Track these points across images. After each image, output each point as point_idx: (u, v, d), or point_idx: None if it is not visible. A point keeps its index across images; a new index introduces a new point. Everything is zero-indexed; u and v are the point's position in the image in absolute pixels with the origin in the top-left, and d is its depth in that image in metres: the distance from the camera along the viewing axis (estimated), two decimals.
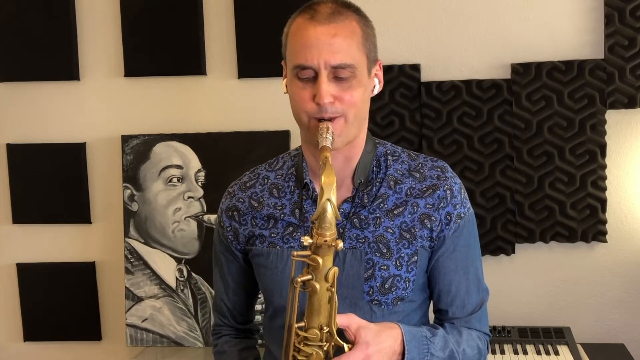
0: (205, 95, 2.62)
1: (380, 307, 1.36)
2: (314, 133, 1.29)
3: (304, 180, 1.40)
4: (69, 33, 2.62)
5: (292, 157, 1.49)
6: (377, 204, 1.38)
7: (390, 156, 1.43)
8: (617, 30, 2.41)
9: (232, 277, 1.54)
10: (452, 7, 2.50)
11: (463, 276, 1.43)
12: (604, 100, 2.44)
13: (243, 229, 1.45)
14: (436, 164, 1.44)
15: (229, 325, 1.60)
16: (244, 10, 2.54)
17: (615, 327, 2.53)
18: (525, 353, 2.26)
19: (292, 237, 1.40)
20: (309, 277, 1.22)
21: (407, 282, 1.37)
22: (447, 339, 1.37)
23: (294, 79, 1.32)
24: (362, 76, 1.32)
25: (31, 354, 2.78)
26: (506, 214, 2.50)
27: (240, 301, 1.57)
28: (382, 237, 1.37)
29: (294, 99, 1.33)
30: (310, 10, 1.31)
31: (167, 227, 2.58)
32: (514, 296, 2.54)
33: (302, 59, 1.28)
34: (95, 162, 2.68)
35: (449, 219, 1.39)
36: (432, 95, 2.50)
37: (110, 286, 2.71)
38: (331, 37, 1.28)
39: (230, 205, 1.48)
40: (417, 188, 1.39)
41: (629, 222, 2.50)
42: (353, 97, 1.30)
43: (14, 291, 2.75)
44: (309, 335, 1.25)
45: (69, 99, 2.68)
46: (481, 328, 1.46)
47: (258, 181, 1.48)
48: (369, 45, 1.34)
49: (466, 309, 1.43)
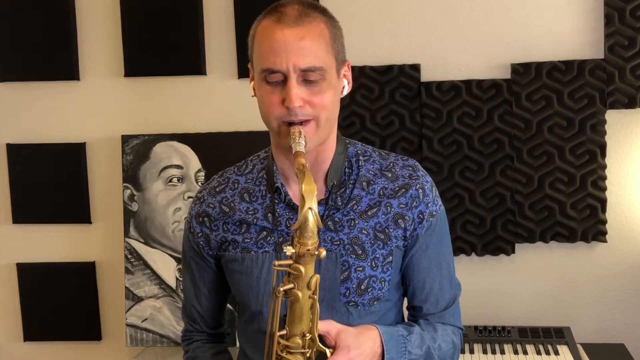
0: (205, 95, 2.62)
1: (357, 308, 1.37)
2: (285, 137, 1.28)
3: (275, 184, 1.39)
4: (69, 33, 2.62)
5: (261, 160, 1.47)
6: (350, 206, 1.38)
7: (361, 156, 1.42)
8: (617, 30, 2.41)
9: (203, 283, 1.52)
10: (452, 7, 2.50)
11: (436, 273, 1.43)
12: (604, 100, 2.44)
13: (215, 234, 1.44)
14: (407, 162, 1.44)
15: (200, 331, 1.58)
16: (244, 10, 2.54)
17: (615, 327, 2.53)
18: (525, 353, 2.26)
19: (266, 242, 1.39)
20: (290, 285, 1.21)
21: (382, 282, 1.38)
22: (423, 336, 1.38)
23: (262, 82, 1.29)
24: (331, 78, 1.30)
25: (31, 354, 2.78)
26: (506, 214, 2.50)
27: (212, 306, 1.55)
28: (357, 239, 1.37)
29: (262, 103, 1.31)
30: (277, 12, 1.29)
31: (167, 227, 2.58)
32: (514, 296, 2.54)
33: (271, 62, 1.26)
34: (95, 162, 2.68)
35: (422, 218, 1.40)
36: (432, 95, 2.50)
37: (110, 286, 2.71)
38: (299, 39, 1.25)
39: (200, 211, 1.46)
40: (390, 188, 1.40)
41: (629, 222, 2.50)
42: (323, 100, 1.28)
43: (14, 291, 2.75)
44: (291, 343, 1.25)
45: (69, 99, 2.68)
46: (455, 322, 1.47)
47: (228, 185, 1.46)
48: (337, 47, 1.32)
49: (440, 305, 1.44)
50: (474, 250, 2.52)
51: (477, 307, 2.51)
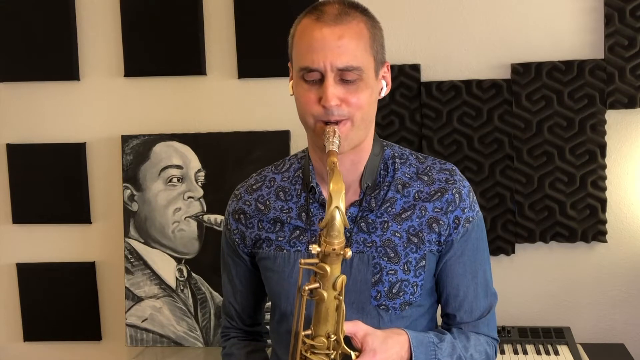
0: (205, 95, 2.62)
1: (388, 312, 1.35)
2: (320, 136, 1.27)
3: (311, 183, 1.39)
4: (69, 33, 2.62)
5: (298, 159, 1.47)
6: (384, 208, 1.37)
7: (398, 159, 1.41)
8: (617, 30, 2.41)
9: (239, 280, 1.53)
10: (452, 7, 2.50)
11: (471, 280, 1.41)
12: (604, 100, 2.44)
13: (250, 232, 1.44)
14: (444, 166, 1.42)
15: (237, 328, 1.59)
16: (244, 10, 2.54)
17: (615, 327, 2.53)
18: (525, 353, 2.26)
19: (298, 241, 1.39)
20: (316, 285, 1.21)
21: (415, 287, 1.36)
22: (454, 345, 1.36)
23: (300, 80, 1.30)
24: (369, 78, 1.29)
25: (31, 354, 2.78)
26: (506, 214, 2.50)
27: (248, 304, 1.56)
28: (390, 242, 1.35)
29: (300, 101, 1.31)
30: (317, 11, 1.29)
31: (167, 227, 2.58)
32: (514, 296, 2.54)
33: (309, 61, 1.26)
34: (95, 162, 2.68)
35: (457, 223, 1.38)
36: (432, 95, 2.50)
37: (110, 286, 2.71)
38: (338, 38, 1.26)
39: (237, 208, 1.47)
40: (425, 191, 1.38)
41: (629, 222, 2.50)
42: (360, 100, 1.27)
43: (14, 291, 2.75)
44: (316, 343, 1.24)
45: (69, 99, 2.68)
46: (489, 333, 1.44)
47: (264, 183, 1.46)
48: (376, 47, 1.32)
49: (474, 314, 1.42)
50: None
51: None
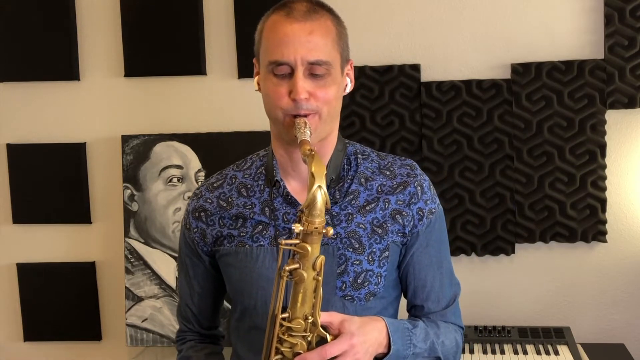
0: (205, 95, 2.62)
1: (353, 303, 1.37)
2: (289, 129, 1.30)
3: (275, 177, 1.40)
4: (69, 33, 2.62)
5: (260, 157, 1.49)
6: (348, 200, 1.40)
7: (360, 155, 1.44)
8: (617, 30, 2.41)
9: (197, 282, 1.53)
10: (452, 7, 2.50)
11: (437, 270, 1.44)
12: (604, 100, 2.44)
13: (210, 229, 1.44)
14: (405, 162, 1.46)
15: (194, 331, 1.58)
16: (244, 10, 2.54)
17: (615, 327, 2.53)
18: (525, 353, 2.26)
19: (261, 236, 1.40)
20: (296, 265, 1.22)
21: (379, 277, 1.38)
22: (427, 331, 1.39)
23: (268, 75, 1.33)
24: (336, 74, 1.33)
25: (31, 354, 2.78)
26: (506, 214, 2.50)
27: (206, 306, 1.56)
28: (354, 233, 1.38)
29: (268, 96, 1.34)
30: (286, 7, 1.33)
31: (167, 227, 2.58)
32: (514, 296, 2.54)
33: (279, 54, 1.30)
34: (95, 162, 2.68)
35: (422, 215, 1.41)
36: (432, 95, 2.50)
37: (110, 286, 2.71)
38: (308, 33, 1.29)
39: (197, 206, 1.47)
40: (388, 185, 1.41)
41: (629, 222, 2.50)
42: (327, 94, 1.31)
43: (14, 291, 2.75)
44: (293, 325, 1.25)
45: (69, 99, 2.68)
46: (456, 321, 1.48)
47: (226, 181, 1.47)
48: (342, 44, 1.36)
49: (441, 303, 1.45)
50: (474, 250, 2.52)
51: (477, 307, 2.51)
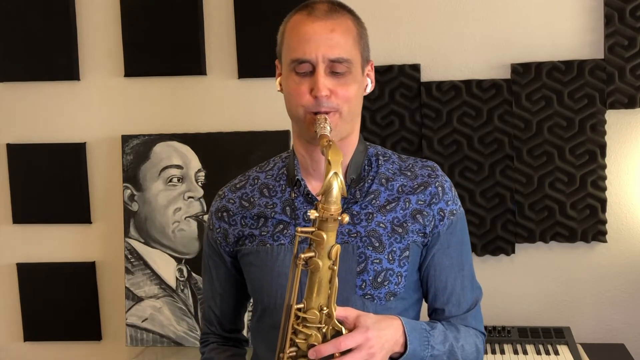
0: (205, 95, 2.62)
1: (373, 302, 1.36)
2: (310, 127, 1.31)
3: (296, 177, 1.41)
4: (69, 33, 2.62)
5: (282, 159, 1.50)
6: (369, 200, 1.40)
7: (381, 156, 1.45)
8: (617, 30, 2.41)
9: (219, 283, 1.53)
10: (452, 7, 2.50)
11: (458, 273, 1.43)
12: (604, 100, 2.44)
13: (232, 229, 1.45)
14: (426, 163, 1.46)
15: (216, 334, 1.58)
16: (244, 10, 2.54)
17: (615, 327, 2.53)
18: (525, 353, 2.26)
19: (282, 235, 1.40)
20: (311, 254, 1.21)
21: (399, 277, 1.38)
22: (446, 334, 1.37)
23: (290, 73, 1.34)
24: (357, 73, 1.34)
25: (31, 354, 2.78)
26: (506, 214, 2.50)
27: (228, 308, 1.56)
28: (374, 232, 1.37)
29: (290, 94, 1.35)
30: (307, 7, 1.35)
31: (167, 227, 2.58)
32: (514, 296, 2.54)
33: (300, 52, 1.31)
34: (95, 162, 2.68)
35: (442, 215, 1.40)
36: (432, 95, 2.50)
37: (110, 286, 2.71)
38: (329, 31, 1.31)
39: (220, 206, 1.48)
40: (409, 185, 1.41)
41: (629, 222, 2.50)
42: (348, 92, 1.32)
43: (14, 291, 2.75)
44: (308, 316, 1.24)
45: (69, 99, 2.68)
46: (477, 326, 1.45)
47: (248, 182, 1.48)
48: (363, 44, 1.37)
49: (462, 307, 1.43)
50: (474, 250, 2.52)
51: None
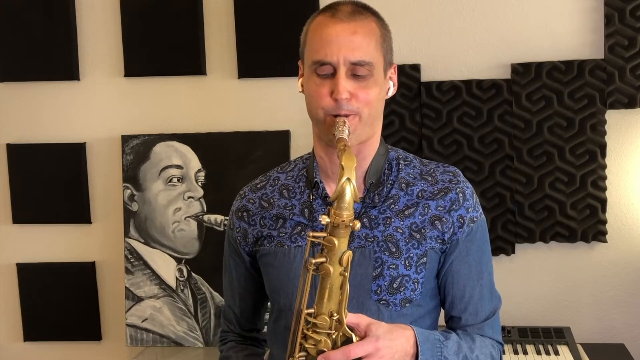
0: (205, 95, 2.62)
1: (389, 308, 1.34)
2: (329, 129, 1.30)
3: (314, 179, 1.40)
4: (69, 33, 2.62)
5: (303, 160, 1.49)
6: (387, 204, 1.38)
7: (402, 160, 1.43)
8: (617, 30, 2.41)
9: (239, 282, 1.54)
10: (452, 7, 2.50)
11: (477, 282, 1.41)
12: (604, 100, 2.44)
13: (252, 229, 1.45)
14: (448, 169, 1.43)
15: (235, 332, 1.59)
16: (244, 10, 2.53)
17: (615, 327, 2.53)
18: (525, 353, 2.26)
19: (300, 237, 1.39)
20: (322, 259, 1.20)
21: (415, 284, 1.35)
22: (460, 344, 1.34)
23: (312, 75, 1.32)
24: (378, 76, 1.33)
25: (31, 354, 2.78)
26: (506, 214, 2.50)
27: (247, 307, 1.56)
28: (392, 237, 1.35)
29: (310, 95, 1.33)
30: (331, 9, 1.34)
31: (167, 227, 2.58)
32: (514, 296, 2.54)
33: (322, 54, 1.30)
34: (95, 162, 2.68)
35: (462, 222, 1.38)
36: (432, 95, 2.50)
37: (110, 286, 2.71)
38: (351, 34, 1.30)
39: (240, 206, 1.48)
40: (429, 190, 1.39)
41: (629, 222, 2.50)
42: (369, 95, 1.30)
43: (14, 291, 2.74)
44: (319, 321, 1.23)
45: (69, 99, 2.68)
46: (494, 336, 1.43)
47: (269, 182, 1.48)
48: (386, 47, 1.36)
49: (479, 316, 1.41)
50: None
51: None
